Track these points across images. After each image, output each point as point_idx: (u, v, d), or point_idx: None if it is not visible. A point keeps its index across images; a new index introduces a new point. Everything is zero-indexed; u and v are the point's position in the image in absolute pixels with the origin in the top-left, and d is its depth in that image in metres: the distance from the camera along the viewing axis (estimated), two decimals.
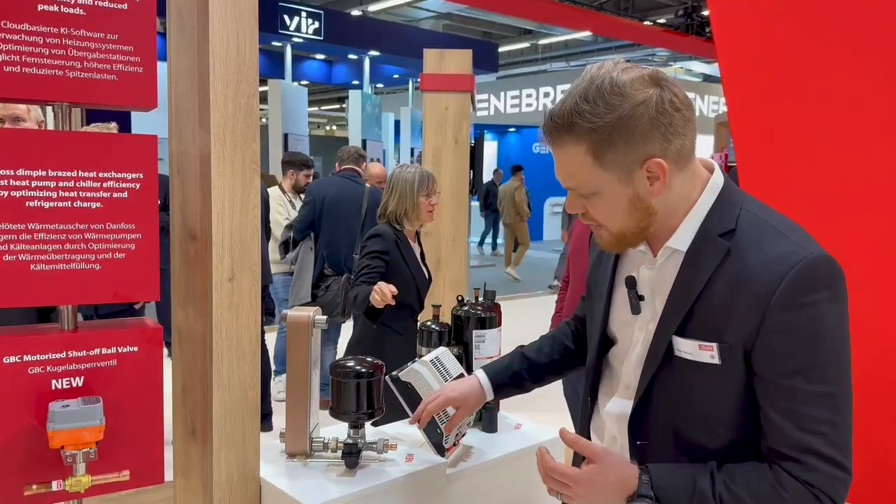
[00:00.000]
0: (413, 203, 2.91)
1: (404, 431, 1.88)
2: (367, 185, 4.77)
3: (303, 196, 4.92)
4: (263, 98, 14.31)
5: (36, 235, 1.34)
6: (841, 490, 1.05)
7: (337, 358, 2.11)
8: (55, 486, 1.34)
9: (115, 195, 1.41)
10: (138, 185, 1.42)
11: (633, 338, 1.21)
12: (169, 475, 1.71)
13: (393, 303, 2.54)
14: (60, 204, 1.36)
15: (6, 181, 1.31)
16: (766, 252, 1.05)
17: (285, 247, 4.78)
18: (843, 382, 1.05)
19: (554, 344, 1.54)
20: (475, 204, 11.56)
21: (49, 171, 1.35)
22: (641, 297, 1.18)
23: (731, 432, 1.11)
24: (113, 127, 3.57)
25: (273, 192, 5.13)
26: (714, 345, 1.07)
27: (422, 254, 3.14)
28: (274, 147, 9.55)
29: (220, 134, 1.51)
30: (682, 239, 1.12)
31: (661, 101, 1.04)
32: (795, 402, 1.04)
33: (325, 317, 1.73)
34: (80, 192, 1.38)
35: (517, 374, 1.51)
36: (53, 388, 1.37)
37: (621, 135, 1.04)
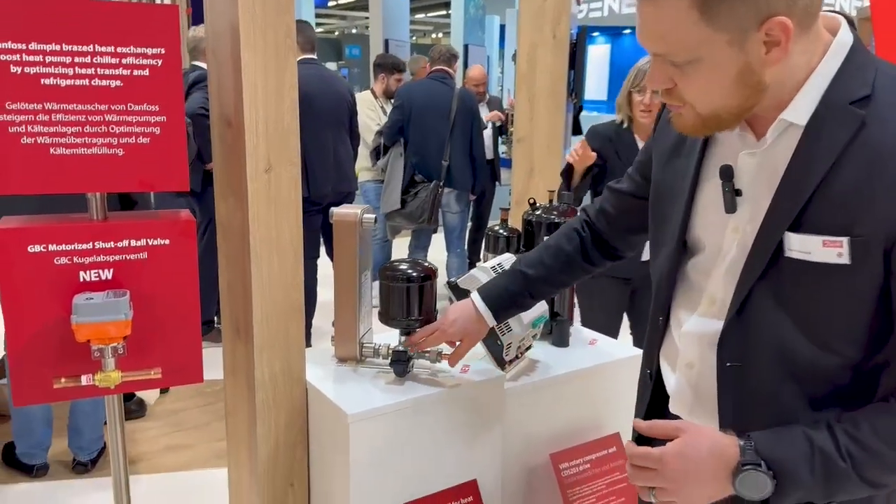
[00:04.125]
0: (624, 97, 2.80)
1: None
2: (458, 87, 4.52)
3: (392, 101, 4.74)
4: (364, 5, 13.98)
5: (54, 116, 1.25)
6: None
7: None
8: (84, 380, 1.30)
9: (135, 73, 1.28)
10: (160, 62, 1.29)
11: (723, 243, 0.99)
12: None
13: (593, 156, 2.64)
14: (77, 82, 1.25)
15: (19, 56, 1.21)
16: None
17: (376, 153, 4.66)
18: None
19: (558, 254, 1.36)
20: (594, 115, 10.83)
21: (63, 45, 1.23)
22: (738, 192, 0.96)
23: (850, 348, 0.91)
24: None
25: (364, 96, 4.98)
26: (844, 239, 0.86)
27: None
28: (375, 53, 9.36)
29: (249, 2, 1.34)
30: (799, 110, 0.89)
31: None
32: None
33: (373, 216, 1.57)
34: (98, 69, 1.26)
35: (516, 294, 1.37)
36: (81, 279, 1.31)
37: None
